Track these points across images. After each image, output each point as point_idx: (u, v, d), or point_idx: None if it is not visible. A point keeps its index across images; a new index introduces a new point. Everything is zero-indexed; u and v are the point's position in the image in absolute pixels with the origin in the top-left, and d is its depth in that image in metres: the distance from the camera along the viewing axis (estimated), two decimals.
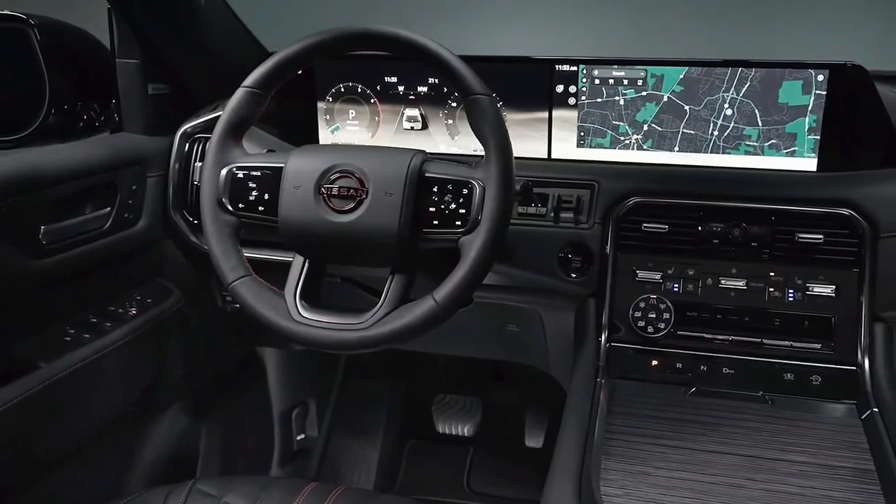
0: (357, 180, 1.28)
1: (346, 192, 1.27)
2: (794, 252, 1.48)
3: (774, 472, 1.21)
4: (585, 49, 1.67)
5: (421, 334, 1.26)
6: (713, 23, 1.94)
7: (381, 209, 1.26)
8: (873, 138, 1.50)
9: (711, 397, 1.40)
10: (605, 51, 1.64)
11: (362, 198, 1.27)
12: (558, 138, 1.64)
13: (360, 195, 1.27)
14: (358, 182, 1.28)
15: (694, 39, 1.94)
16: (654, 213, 1.53)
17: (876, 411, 1.33)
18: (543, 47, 1.66)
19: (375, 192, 1.27)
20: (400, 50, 1.29)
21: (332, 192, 1.28)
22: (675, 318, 1.48)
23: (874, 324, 1.44)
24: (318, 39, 1.31)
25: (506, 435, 2.51)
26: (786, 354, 1.45)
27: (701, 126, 1.56)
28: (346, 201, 1.27)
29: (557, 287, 1.59)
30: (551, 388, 1.83)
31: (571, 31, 2.00)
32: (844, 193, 1.46)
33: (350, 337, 1.26)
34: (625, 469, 1.22)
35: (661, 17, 1.98)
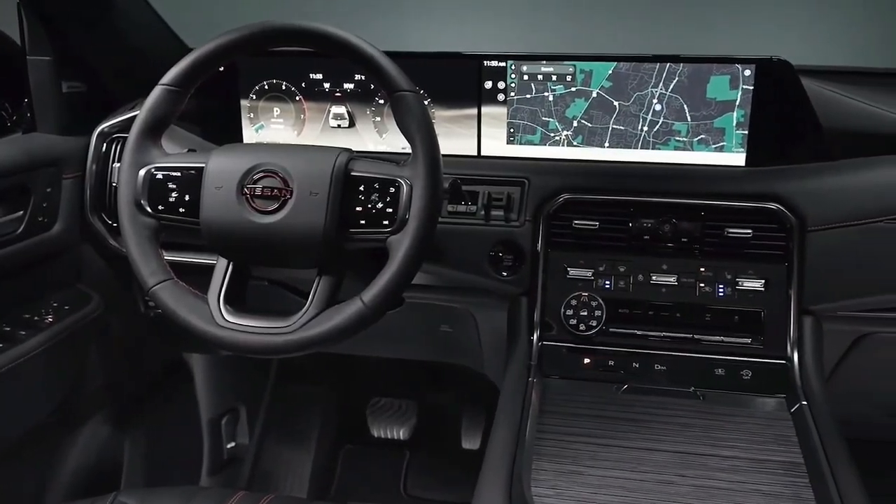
0: (281, 180, 1.27)
1: (269, 192, 1.27)
2: (723, 247, 1.51)
3: (705, 468, 1.24)
4: (514, 44, 1.68)
5: (349, 337, 1.26)
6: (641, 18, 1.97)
7: (305, 209, 1.26)
8: (800, 132, 1.54)
9: (643, 394, 1.42)
10: (535, 46, 1.65)
11: (286, 198, 1.26)
12: (488, 135, 1.65)
13: (285, 195, 1.27)
14: (282, 182, 1.27)
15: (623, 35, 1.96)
16: (584, 209, 1.55)
17: (805, 404, 1.37)
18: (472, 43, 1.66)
19: (300, 191, 1.26)
20: (323, 46, 1.29)
21: (255, 193, 1.27)
22: (606, 316, 1.50)
23: (803, 317, 1.48)
24: (239, 35, 1.30)
25: (442, 437, 2.52)
26: (717, 350, 1.48)
27: (630, 122, 1.59)
28: (269, 201, 1.27)
29: (489, 286, 1.60)
30: (487, 389, 1.84)
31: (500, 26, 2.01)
32: (772, 188, 1.50)
33: (276, 341, 1.25)
34: (556, 469, 1.24)
35: (590, 12, 2.00)
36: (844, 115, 1.53)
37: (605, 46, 1.65)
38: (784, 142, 1.56)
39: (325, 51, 1.30)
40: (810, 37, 1.94)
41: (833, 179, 1.50)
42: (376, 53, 1.28)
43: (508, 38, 1.99)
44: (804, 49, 1.82)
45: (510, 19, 2.01)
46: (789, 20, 1.95)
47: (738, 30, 1.96)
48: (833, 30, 1.94)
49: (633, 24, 1.96)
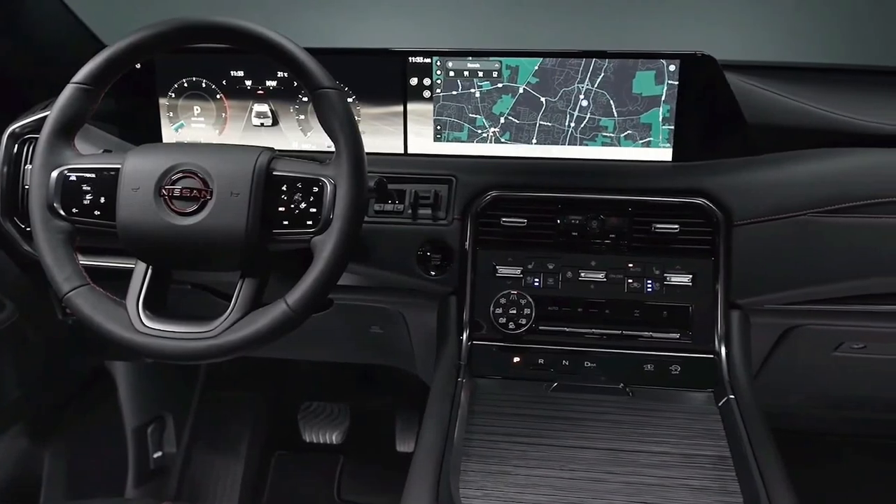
0: (200, 181, 1.26)
1: (188, 193, 1.26)
2: (651, 242, 1.53)
3: (634, 464, 1.26)
4: (440, 40, 1.69)
5: (274, 340, 1.26)
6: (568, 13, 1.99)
7: (226, 210, 1.25)
8: (725, 127, 1.57)
9: (573, 392, 1.44)
10: (461, 42, 1.66)
11: (206, 199, 1.26)
12: (414, 132, 1.65)
13: (204, 196, 1.26)
14: (201, 182, 1.26)
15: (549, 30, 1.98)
16: (512, 207, 1.56)
17: (732, 398, 1.40)
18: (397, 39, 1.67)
19: (220, 192, 1.26)
20: (241, 43, 1.28)
21: (173, 194, 1.26)
22: (535, 314, 1.51)
23: (730, 311, 1.51)
24: (154, 32, 1.29)
25: (376, 440, 2.52)
26: (646, 345, 1.50)
27: (558, 118, 1.61)
28: (189, 203, 1.26)
29: (418, 286, 1.61)
30: (421, 390, 1.84)
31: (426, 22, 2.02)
32: (698, 183, 1.53)
33: (198, 346, 1.24)
34: (484, 469, 1.25)
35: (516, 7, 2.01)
36: (768, 109, 1.56)
37: (532, 42, 1.67)
38: (710, 137, 1.59)
39: (244, 47, 1.29)
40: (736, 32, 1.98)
41: (758, 174, 1.53)
42: (296, 50, 1.27)
43: (434, 33, 2.00)
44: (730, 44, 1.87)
45: (436, 15, 2.01)
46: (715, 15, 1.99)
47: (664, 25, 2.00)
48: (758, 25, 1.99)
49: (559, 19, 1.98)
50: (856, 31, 1.97)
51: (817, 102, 1.58)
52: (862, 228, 1.48)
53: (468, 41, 1.65)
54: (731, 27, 2.00)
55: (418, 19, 2.03)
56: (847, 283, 1.51)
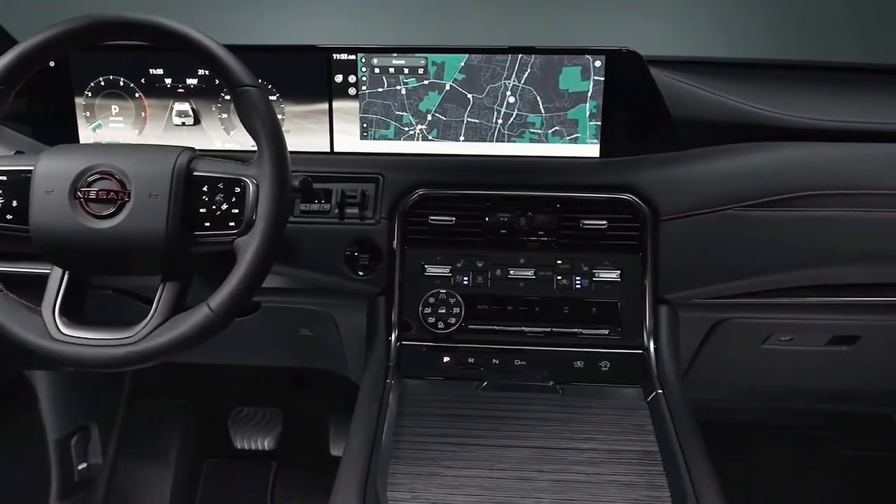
0: (117, 182, 1.25)
1: (105, 195, 1.24)
2: (579, 239, 1.55)
3: (563, 462, 1.28)
4: (366, 37, 1.69)
5: (197, 345, 1.25)
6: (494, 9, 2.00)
7: (145, 212, 1.24)
8: (651, 123, 1.60)
9: (503, 390, 1.46)
10: (386, 38, 1.66)
11: (124, 201, 1.24)
12: (340, 130, 1.65)
13: (122, 198, 1.24)
14: (118, 184, 1.25)
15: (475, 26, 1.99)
16: (440, 205, 1.57)
17: (660, 393, 1.43)
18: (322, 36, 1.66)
19: (138, 194, 1.24)
20: (158, 40, 1.27)
21: (89, 196, 1.24)
22: (465, 313, 1.52)
23: (659, 306, 1.54)
24: (67, 28, 1.26)
25: (309, 445, 2.51)
26: (575, 342, 1.52)
27: (485, 114, 1.62)
28: (105, 205, 1.24)
29: (346, 287, 1.60)
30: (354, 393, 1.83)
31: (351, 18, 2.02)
32: (625, 178, 1.56)
33: (117, 353, 1.23)
34: (413, 471, 1.26)
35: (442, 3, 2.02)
36: (693, 104, 1.59)
37: (459, 38, 1.68)
38: (637, 132, 1.61)
39: (161, 45, 1.28)
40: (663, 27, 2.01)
41: (684, 169, 1.56)
42: (215, 46, 1.27)
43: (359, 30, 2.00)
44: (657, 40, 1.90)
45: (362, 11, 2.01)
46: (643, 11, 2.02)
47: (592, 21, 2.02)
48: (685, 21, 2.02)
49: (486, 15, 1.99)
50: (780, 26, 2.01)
51: (742, 97, 1.61)
52: (786, 222, 1.52)
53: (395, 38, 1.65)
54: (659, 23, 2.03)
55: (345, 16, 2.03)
56: (773, 276, 1.55)
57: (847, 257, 1.54)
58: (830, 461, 2.41)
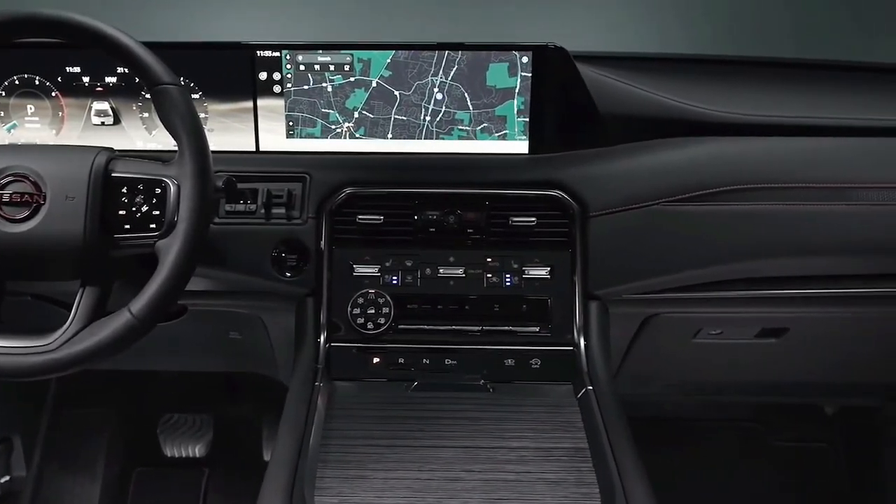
0: (32, 184, 1.23)
1: (19, 198, 1.23)
2: (509, 236, 1.57)
3: (492, 461, 1.29)
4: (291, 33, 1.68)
5: (118, 352, 1.23)
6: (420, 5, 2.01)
7: (62, 216, 1.22)
8: (579, 119, 1.61)
9: (434, 391, 1.46)
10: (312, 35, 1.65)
11: (39, 204, 1.23)
12: (266, 129, 1.64)
13: (37, 201, 1.23)
14: (33, 186, 1.23)
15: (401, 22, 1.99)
16: (368, 203, 1.57)
17: (590, 389, 1.45)
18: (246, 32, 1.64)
19: (54, 196, 1.23)
20: (73, 37, 1.25)
21: (2, 199, 1.23)
22: (394, 313, 1.52)
23: (589, 302, 1.56)
24: None
25: (242, 450, 2.49)
26: (506, 340, 1.54)
27: (413, 112, 1.62)
28: (20, 209, 1.23)
29: (274, 288, 1.60)
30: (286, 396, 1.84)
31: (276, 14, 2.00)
32: (554, 175, 1.57)
33: (34, 361, 1.21)
34: (341, 475, 1.26)
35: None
36: (621, 100, 1.62)
37: (385, 34, 1.68)
38: (565, 128, 1.63)
39: (76, 42, 1.26)
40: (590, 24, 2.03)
41: (612, 164, 1.58)
42: (132, 43, 1.25)
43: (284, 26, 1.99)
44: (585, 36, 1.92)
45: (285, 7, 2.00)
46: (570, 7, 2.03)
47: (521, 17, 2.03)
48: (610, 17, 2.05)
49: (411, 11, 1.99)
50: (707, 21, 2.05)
51: (668, 93, 1.64)
52: (712, 216, 1.55)
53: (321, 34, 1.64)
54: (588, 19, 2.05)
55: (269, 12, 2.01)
56: (701, 270, 1.58)
57: (772, 250, 1.57)
58: (762, 452, 2.46)
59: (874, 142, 1.61)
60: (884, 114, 1.67)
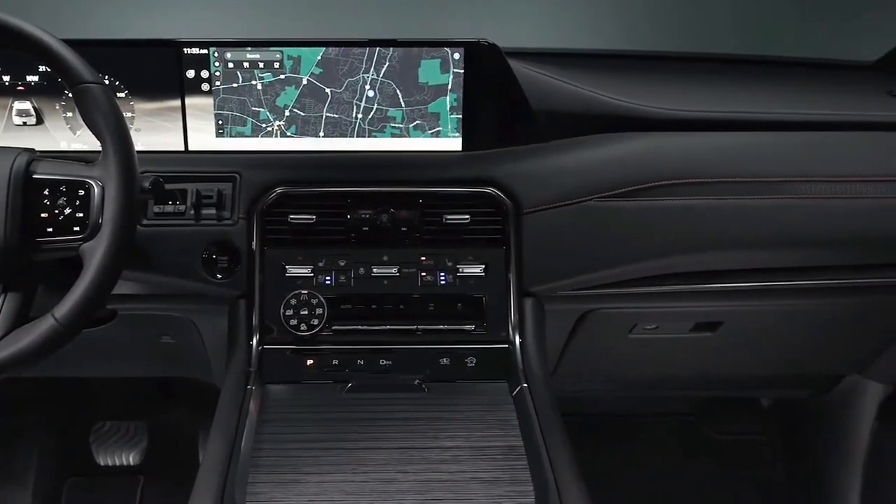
0: None
1: None
2: (443, 234, 1.57)
3: (427, 462, 1.29)
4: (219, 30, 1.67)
5: (42, 359, 1.21)
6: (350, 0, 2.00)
7: None
8: (512, 115, 1.62)
9: (368, 392, 1.46)
10: (241, 32, 1.64)
11: None
12: (194, 128, 1.62)
13: None
14: None
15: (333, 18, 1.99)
16: (300, 203, 1.56)
17: (525, 387, 1.45)
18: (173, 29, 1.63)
19: None
20: None
21: None
22: (328, 313, 1.52)
23: (524, 300, 1.57)
24: None
25: (177, 457, 2.46)
26: (441, 339, 1.54)
27: (344, 109, 1.61)
28: None
29: (206, 290, 1.58)
30: None
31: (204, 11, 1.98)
32: (487, 172, 1.58)
33: None
34: (274, 480, 1.25)
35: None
36: (554, 96, 1.63)
37: (314, 31, 1.67)
38: (499, 125, 1.63)
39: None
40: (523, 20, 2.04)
41: (545, 161, 1.59)
42: (52, 41, 1.23)
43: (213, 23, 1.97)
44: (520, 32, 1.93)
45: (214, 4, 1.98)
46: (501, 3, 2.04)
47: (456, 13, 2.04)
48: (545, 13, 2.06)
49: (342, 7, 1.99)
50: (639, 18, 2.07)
51: (602, 88, 1.65)
52: (644, 212, 1.56)
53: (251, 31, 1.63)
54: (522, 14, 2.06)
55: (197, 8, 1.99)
56: (635, 265, 1.60)
57: (704, 245, 1.59)
58: (700, 446, 2.50)
59: (803, 136, 1.64)
60: (813, 108, 1.70)
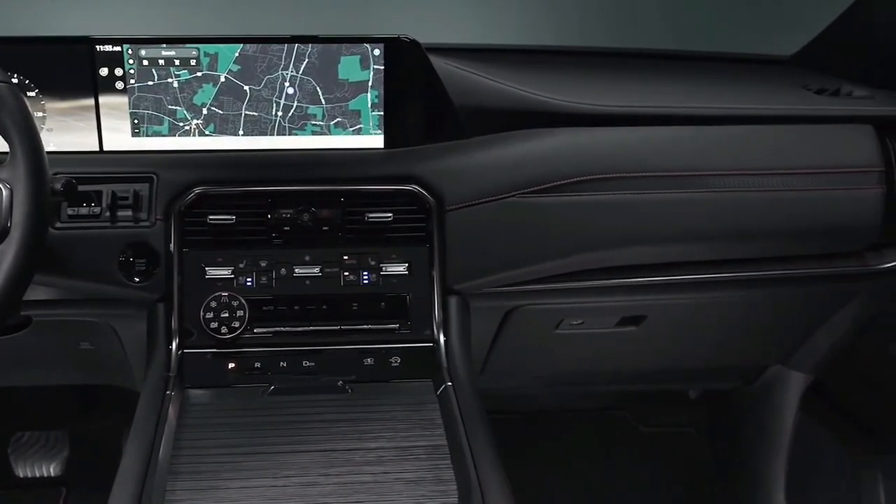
0: None
1: None
2: (365, 233, 1.56)
3: (350, 464, 1.28)
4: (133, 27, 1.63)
5: None
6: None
7: None
8: (434, 112, 1.62)
9: (291, 394, 1.45)
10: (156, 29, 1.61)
11: None
12: (109, 128, 1.59)
13: None
14: None
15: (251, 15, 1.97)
16: (219, 203, 1.54)
17: (450, 385, 1.45)
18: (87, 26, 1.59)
19: None
20: None
21: None
22: (249, 315, 1.50)
23: (448, 297, 1.57)
24: None
25: (100, 466, 2.41)
26: (365, 339, 1.53)
27: (264, 107, 1.60)
28: None
29: (124, 294, 1.55)
30: None
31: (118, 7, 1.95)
32: (410, 169, 1.57)
33: None
34: (193, 486, 1.23)
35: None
36: (476, 92, 1.63)
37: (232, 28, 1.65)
38: (421, 121, 1.63)
39: None
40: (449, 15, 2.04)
41: (468, 157, 1.59)
42: None
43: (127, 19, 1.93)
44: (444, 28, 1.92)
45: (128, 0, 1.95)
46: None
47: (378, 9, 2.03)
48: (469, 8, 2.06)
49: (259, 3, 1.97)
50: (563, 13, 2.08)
51: (524, 84, 1.66)
52: (566, 207, 1.57)
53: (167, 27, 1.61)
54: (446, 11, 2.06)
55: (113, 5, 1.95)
56: (558, 261, 1.61)
57: (626, 239, 1.61)
58: (631, 439, 2.53)
59: (722, 130, 1.66)
60: (732, 102, 1.73)
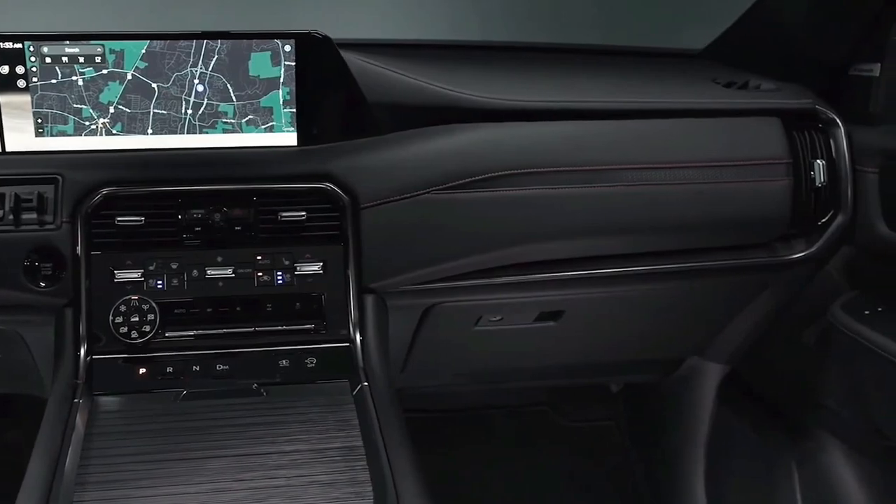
0: None
1: None
2: (279, 232, 1.55)
3: (264, 468, 1.27)
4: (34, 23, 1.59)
5: None
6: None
7: None
8: (348, 108, 1.61)
9: (204, 398, 1.43)
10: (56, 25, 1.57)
11: None
12: (11, 128, 1.54)
13: None
14: None
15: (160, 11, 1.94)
16: (128, 204, 1.52)
17: (366, 385, 1.45)
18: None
19: None
20: None
21: None
22: (160, 319, 1.48)
23: (364, 296, 1.56)
24: None
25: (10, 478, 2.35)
26: (280, 340, 1.52)
27: (173, 105, 1.57)
28: None
29: (30, 300, 1.52)
30: None
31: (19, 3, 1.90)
32: (323, 167, 1.56)
33: None
34: (101, 497, 1.21)
35: None
36: (389, 88, 1.62)
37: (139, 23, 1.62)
38: (335, 118, 1.62)
39: None
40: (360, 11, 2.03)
41: (381, 154, 1.59)
42: None
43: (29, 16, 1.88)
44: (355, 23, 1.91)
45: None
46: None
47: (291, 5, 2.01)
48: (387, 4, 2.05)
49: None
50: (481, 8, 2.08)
51: (437, 80, 1.66)
52: (482, 203, 1.58)
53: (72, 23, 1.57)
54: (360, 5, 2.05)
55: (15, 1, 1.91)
56: (475, 257, 1.61)
57: (541, 234, 1.62)
58: (553, 435, 2.55)
59: (633, 124, 1.68)
60: (643, 97, 1.75)
